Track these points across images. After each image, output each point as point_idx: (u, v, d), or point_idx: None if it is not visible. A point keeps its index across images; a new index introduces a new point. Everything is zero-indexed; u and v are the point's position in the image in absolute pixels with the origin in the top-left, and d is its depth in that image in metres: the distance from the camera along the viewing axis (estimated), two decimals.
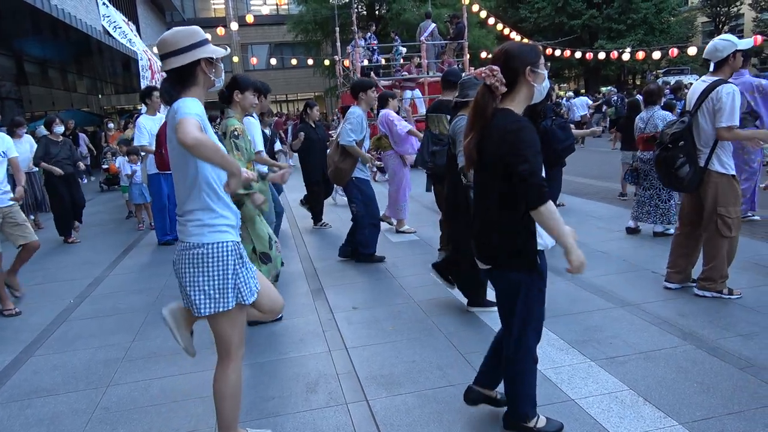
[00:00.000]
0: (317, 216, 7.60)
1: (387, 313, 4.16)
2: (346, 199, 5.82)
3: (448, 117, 4.84)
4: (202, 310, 2.22)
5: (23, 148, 6.90)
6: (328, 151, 6.73)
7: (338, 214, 8.01)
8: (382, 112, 6.47)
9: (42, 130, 9.24)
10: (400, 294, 4.57)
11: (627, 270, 4.79)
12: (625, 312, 3.84)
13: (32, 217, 8.48)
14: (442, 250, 5.36)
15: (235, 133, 3.74)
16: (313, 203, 7.62)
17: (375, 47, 15.33)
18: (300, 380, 3.19)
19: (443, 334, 3.68)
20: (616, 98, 18.30)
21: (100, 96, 23.09)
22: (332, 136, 7.52)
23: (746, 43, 3.96)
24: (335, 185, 7.34)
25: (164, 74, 2.29)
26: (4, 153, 4.84)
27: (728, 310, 3.79)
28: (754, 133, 4.48)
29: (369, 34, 15.66)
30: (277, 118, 17.12)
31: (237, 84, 3.92)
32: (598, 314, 3.84)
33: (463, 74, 4.98)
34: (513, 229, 2.25)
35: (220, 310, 2.23)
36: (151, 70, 10.96)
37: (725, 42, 3.86)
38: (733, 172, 3.89)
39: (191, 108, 2.08)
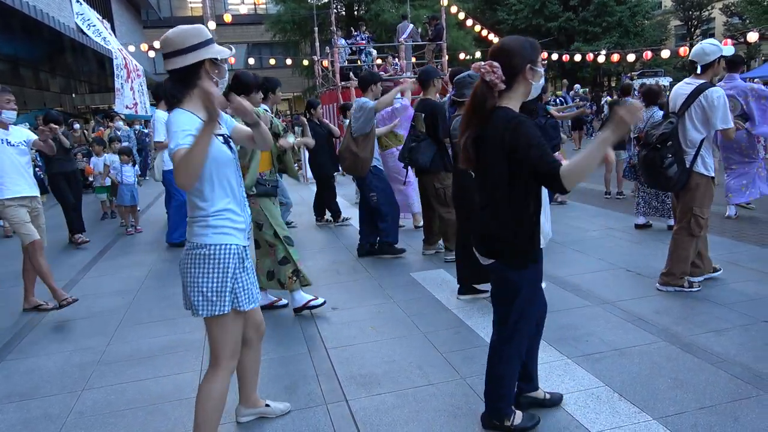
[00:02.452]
0: (336, 213, 7.65)
1: (367, 313, 4.16)
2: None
3: (423, 115, 5.11)
4: (200, 311, 2.18)
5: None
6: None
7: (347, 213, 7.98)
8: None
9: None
10: (380, 294, 4.57)
11: (603, 269, 4.87)
12: (601, 310, 3.90)
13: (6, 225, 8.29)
14: (427, 244, 5.46)
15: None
16: (327, 199, 7.66)
17: (362, 47, 15.33)
18: (279, 381, 3.18)
19: (423, 334, 3.70)
20: (587, 101, 18.56)
21: (73, 95, 22.65)
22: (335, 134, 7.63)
23: (728, 50, 4.10)
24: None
25: (140, 73, 2.27)
26: (24, 143, 4.63)
27: (701, 307, 3.88)
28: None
29: (358, 33, 15.64)
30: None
31: (241, 82, 3.88)
32: (575, 312, 3.90)
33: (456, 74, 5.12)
34: (517, 226, 2.24)
35: (216, 313, 2.19)
36: (126, 69, 10.78)
37: (713, 47, 3.97)
38: (713, 174, 4.02)
39: (180, 130, 2.03)
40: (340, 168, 6.30)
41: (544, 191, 2.38)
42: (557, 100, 14.99)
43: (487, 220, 2.32)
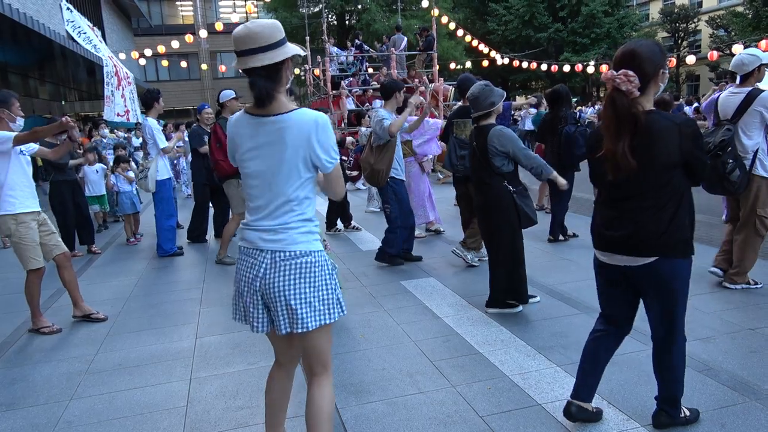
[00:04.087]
0: (348, 219, 7.67)
1: (357, 321, 4.16)
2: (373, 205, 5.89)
3: (472, 122, 4.97)
4: (310, 324, 2.02)
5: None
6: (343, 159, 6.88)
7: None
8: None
9: None
10: (370, 302, 4.57)
11: (591, 277, 4.89)
12: (590, 318, 3.92)
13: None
14: (467, 246, 5.41)
15: None
16: (337, 210, 7.65)
17: (361, 56, 15.40)
18: None
19: (413, 342, 3.71)
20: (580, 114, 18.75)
21: (63, 102, 22.53)
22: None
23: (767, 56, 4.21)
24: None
25: (130, 81, 2.19)
26: (23, 152, 4.26)
27: (688, 315, 3.88)
28: None
29: (357, 41, 15.69)
30: None
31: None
32: (564, 320, 3.92)
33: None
34: (689, 219, 2.32)
35: (327, 322, 2.06)
36: (117, 77, 10.76)
37: (751, 57, 4.12)
38: None
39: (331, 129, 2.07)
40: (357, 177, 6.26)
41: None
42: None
43: (649, 220, 2.29)
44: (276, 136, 2.00)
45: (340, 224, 7.68)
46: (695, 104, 14.56)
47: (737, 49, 17.01)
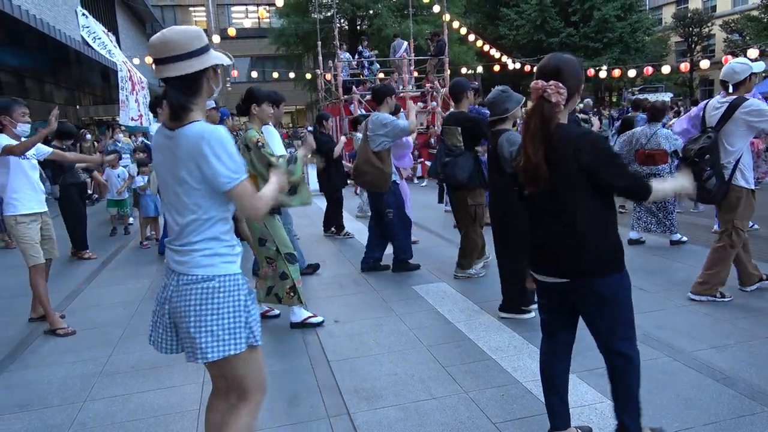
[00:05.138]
0: (340, 226, 7.72)
1: (369, 326, 4.16)
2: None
3: (460, 129, 4.98)
4: (209, 355, 1.89)
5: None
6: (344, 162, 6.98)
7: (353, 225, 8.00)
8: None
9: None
10: (382, 307, 4.57)
11: None
12: None
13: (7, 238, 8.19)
14: (464, 267, 5.31)
15: (260, 143, 3.90)
16: (335, 214, 7.72)
17: (365, 62, 15.45)
18: (282, 394, 3.17)
19: (425, 347, 3.69)
20: (590, 114, 18.61)
21: (77, 107, 22.80)
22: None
23: (759, 66, 4.20)
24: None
25: (144, 86, 2.09)
26: (34, 155, 4.50)
27: (704, 322, 3.87)
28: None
29: (362, 47, 15.76)
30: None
31: (253, 97, 4.06)
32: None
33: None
34: (603, 234, 2.24)
35: (231, 353, 1.92)
36: (131, 82, 10.87)
37: (743, 66, 4.09)
38: (753, 187, 4.13)
39: (234, 150, 1.87)
40: (350, 182, 6.26)
41: None
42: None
43: (567, 239, 2.24)
44: (172, 152, 1.89)
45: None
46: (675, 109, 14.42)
47: (752, 53, 16.89)
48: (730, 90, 4.14)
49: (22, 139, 4.39)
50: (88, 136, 15.07)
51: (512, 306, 4.16)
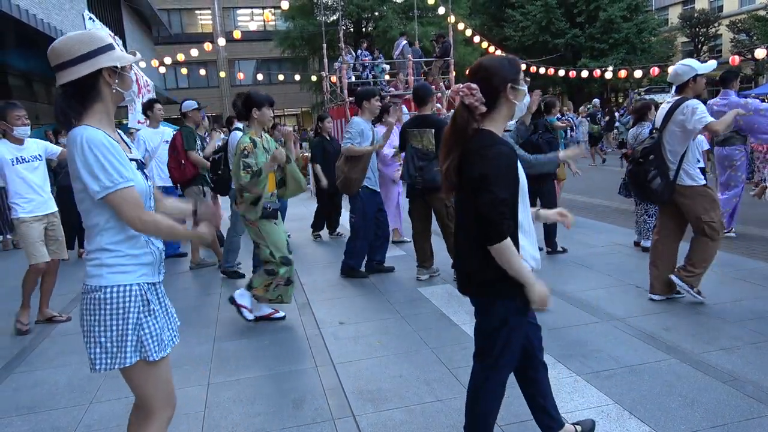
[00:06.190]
0: (333, 226, 7.78)
1: (373, 328, 4.15)
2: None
3: (433, 132, 4.95)
4: (97, 366, 1.87)
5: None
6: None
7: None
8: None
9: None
10: (387, 309, 4.56)
11: (611, 284, 4.84)
12: (610, 326, 3.88)
13: (8, 236, 8.24)
14: (422, 266, 5.34)
15: (245, 152, 3.97)
16: (330, 213, 7.75)
17: (366, 63, 15.46)
18: (286, 396, 3.17)
19: (430, 349, 3.68)
20: (600, 114, 18.59)
21: (55, 111, 22.89)
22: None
23: (706, 67, 4.12)
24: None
25: (149, 89, 2.08)
26: (39, 156, 4.57)
27: (711, 324, 3.84)
28: (729, 115, 4.37)
29: (360, 50, 15.77)
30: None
31: (252, 101, 4.11)
32: (584, 329, 3.87)
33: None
34: (489, 256, 2.02)
35: (119, 366, 1.88)
36: (137, 85, 10.94)
37: (685, 67, 4.11)
38: (704, 182, 4.11)
39: (106, 155, 1.78)
40: None
41: (527, 214, 2.18)
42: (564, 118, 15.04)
43: (467, 251, 2.15)
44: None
45: (325, 232, 7.81)
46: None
47: (759, 53, 16.78)
48: (674, 91, 4.16)
49: (25, 141, 4.48)
50: None
51: None
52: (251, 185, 3.97)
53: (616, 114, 19.79)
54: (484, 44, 18.06)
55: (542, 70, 19.36)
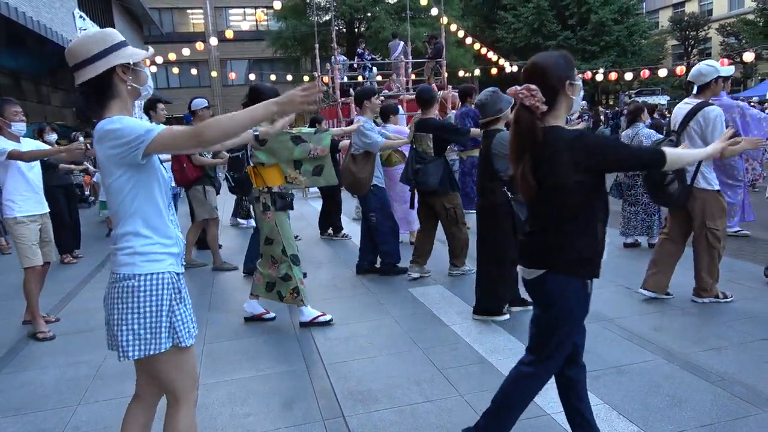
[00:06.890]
0: (337, 227, 7.74)
1: (364, 328, 4.15)
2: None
3: (431, 136, 4.98)
4: (130, 353, 1.90)
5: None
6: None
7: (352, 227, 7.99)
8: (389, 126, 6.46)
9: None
10: (379, 310, 4.56)
11: (601, 285, 4.85)
12: (599, 327, 3.89)
13: (2, 239, 8.14)
14: (415, 263, 5.36)
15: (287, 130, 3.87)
16: (333, 214, 7.73)
17: (368, 64, 15.45)
18: (276, 397, 3.15)
19: (420, 350, 3.68)
20: (587, 117, 18.69)
21: (74, 109, 22.74)
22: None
23: (727, 71, 4.16)
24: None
25: (150, 84, 2.10)
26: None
27: (700, 325, 3.87)
28: (743, 146, 4.49)
29: (362, 52, 15.76)
30: None
31: (262, 94, 3.99)
32: None
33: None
34: (590, 238, 2.20)
35: (151, 353, 1.91)
36: None
37: (709, 68, 4.07)
38: (718, 188, 4.11)
39: (140, 123, 1.84)
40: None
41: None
42: None
43: (542, 237, 2.22)
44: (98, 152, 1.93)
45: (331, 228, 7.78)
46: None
47: (748, 56, 16.96)
48: (695, 92, 4.15)
49: (21, 138, 4.39)
50: (81, 138, 14.97)
51: (486, 309, 4.17)
52: (316, 141, 3.91)
53: (602, 117, 19.87)
54: (476, 46, 18.11)
55: None
